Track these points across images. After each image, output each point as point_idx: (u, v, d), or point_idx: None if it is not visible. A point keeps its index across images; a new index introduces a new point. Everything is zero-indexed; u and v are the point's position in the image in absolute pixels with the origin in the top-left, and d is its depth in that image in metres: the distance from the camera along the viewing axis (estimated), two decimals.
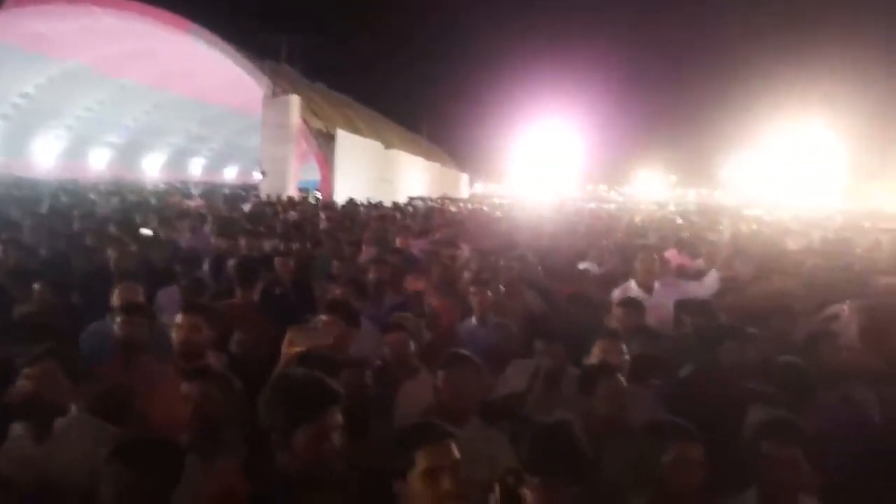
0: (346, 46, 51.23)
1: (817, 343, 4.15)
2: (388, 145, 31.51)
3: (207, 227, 9.86)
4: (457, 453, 2.25)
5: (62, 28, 24.11)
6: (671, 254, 9.13)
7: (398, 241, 8.69)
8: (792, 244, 10.81)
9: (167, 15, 22.64)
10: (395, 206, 19.21)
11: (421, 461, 2.21)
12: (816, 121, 38.71)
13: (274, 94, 23.42)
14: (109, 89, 31.34)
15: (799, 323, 5.22)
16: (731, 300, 5.29)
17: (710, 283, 5.61)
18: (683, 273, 7.67)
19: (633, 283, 5.52)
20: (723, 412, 3.25)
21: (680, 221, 16.88)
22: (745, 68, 46.96)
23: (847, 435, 3.31)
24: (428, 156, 40.02)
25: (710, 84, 50.67)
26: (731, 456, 2.86)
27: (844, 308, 5.69)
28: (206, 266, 6.33)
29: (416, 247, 9.09)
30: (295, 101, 23.49)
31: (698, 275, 6.54)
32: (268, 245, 7.66)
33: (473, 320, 5.21)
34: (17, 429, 2.74)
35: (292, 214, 13.59)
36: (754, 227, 16.54)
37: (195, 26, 22.66)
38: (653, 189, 45.81)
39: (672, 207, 28.00)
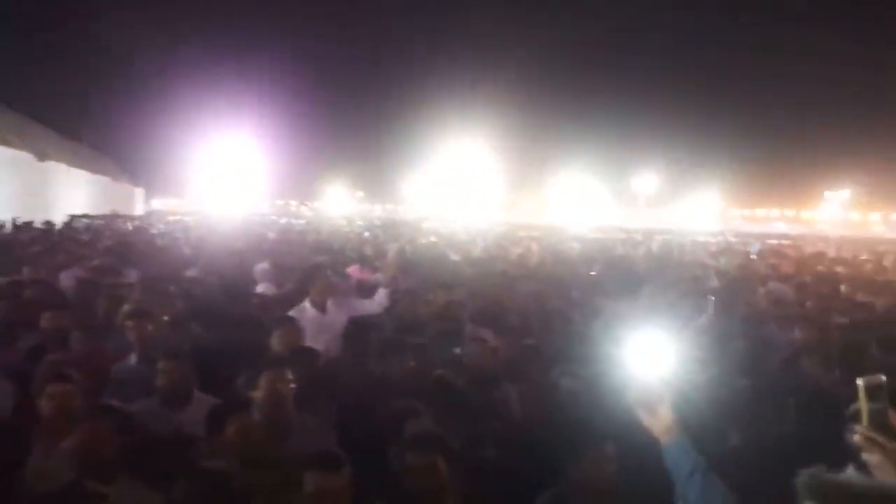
0: None
1: (473, 349, 4.53)
2: (41, 157, 27.37)
3: None
4: None
5: None
6: (353, 269, 9.35)
7: (27, 271, 7.48)
8: (455, 255, 11.84)
9: None
10: (48, 226, 16.68)
11: None
12: (479, 140, 43.75)
13: None
14: None
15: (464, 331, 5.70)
16: (399, 313, 5.54)
17: (380, 299, 5.81)
18: (363, 288, 7.88)
19: (307, 303, 5.47)
20: (386, 429, 3.34)
21: (367, 235, 17.47)
22: (418, 90, 50.94)
23: (494, 435, 3.64)
24: (94, 168, 35.71)
25: (389, 103, 53.92)
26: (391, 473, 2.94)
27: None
28: None
29: (72, 275, 7.93)
30: None
31: (372, 290, 6.75)
32: None
33: (133, 358, 4.67)
34: None
35: None
36: (433, 238, 17.88)
37: None
38: (342, 204, 47.06)
39: (359, 222, 29.01)
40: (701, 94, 61.26)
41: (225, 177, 37.47)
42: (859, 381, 1.60)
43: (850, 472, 1.68)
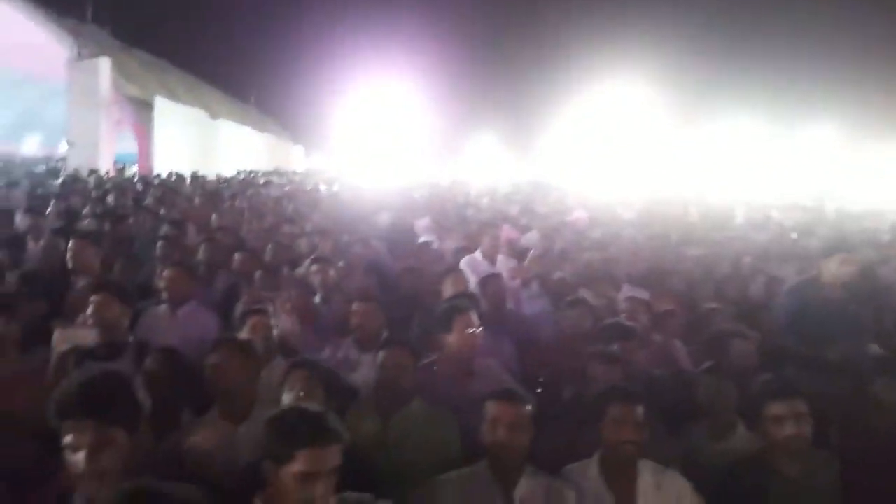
0: (162, 5, 46.88)
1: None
2: (213, 115, 29.66)
3: None
4: (338, 459, 2.06)
5: None
6: (505, 229, 9.37)
7: (215, 220, 8.12)
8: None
9: None
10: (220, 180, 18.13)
11: (300, 462, 2.01)
12: (652, 100, 40.22)
13: (79, 57, 21.07)
14: None
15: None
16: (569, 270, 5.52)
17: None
18: (512, 248, 7.88)
19: (478, 254, 5.62)
20: (568, 378, 3.38)
21: (518, 195, 17.35)
22: (574, 36, 47.90)
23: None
24: (258, 126, 38.26)
25: (542, 59, 51.95)
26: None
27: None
28: None
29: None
30: (104, 64, 21.29)
31: (522, 252, 6.71)
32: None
33: (316, 299, 5.01)
34: None
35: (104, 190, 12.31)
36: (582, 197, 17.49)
37: None
38: (488, 161, 47.04)
39: (507, 182, 28.85)
40: None
41: (377, 133, 38.64)
42: None
43: None
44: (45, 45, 20.92)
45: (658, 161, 37.69)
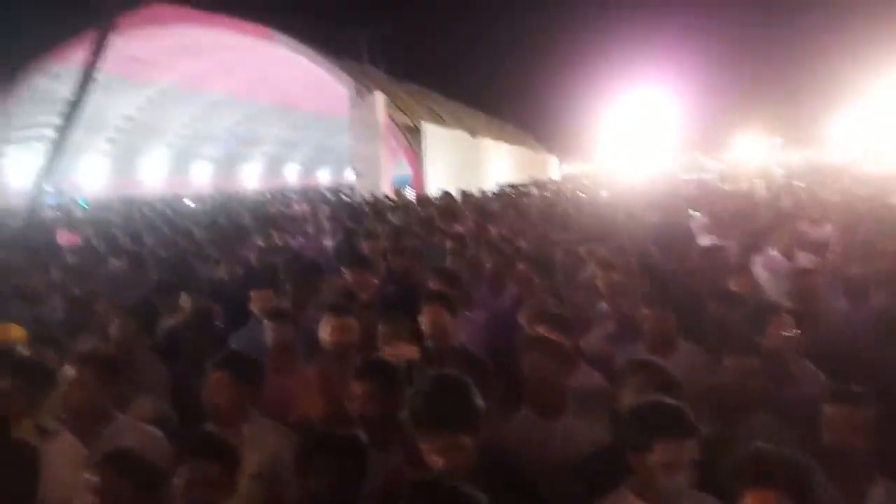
0: (421, 38, 50.91)
1: None
2: (473, 134, 31.39)
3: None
4: (696, 452, 2.16)
5: (152, 49, 25.20)
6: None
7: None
8: None
9: (247, 25, 23.25)
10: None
11: (659, 452, 2.13)
12: None
13: (358, 94, 23.69)
14: (201, 104, 32.68)
15: None
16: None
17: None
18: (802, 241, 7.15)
19: (773, 251, 5.24)
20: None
21: (801, 184, 15.75)
22: (853, 9, 42.35)
23: None
24: (514, 141, 39.61)
25: (814, 30, 46.38)
26: None
27: None
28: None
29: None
30: (380, 98, 23.72)
31: (822, 246, 6.03)
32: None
33: (603, 304, 5.07)
34: None
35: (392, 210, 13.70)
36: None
37: (275, 33, 23.18)
38: (755, 153, 43.24)
39: (779, 170, 26.30)
40: None
41: (630, 134, 37.78)
42: None
43: None
44: (331, 85, 23.97)
45: None
